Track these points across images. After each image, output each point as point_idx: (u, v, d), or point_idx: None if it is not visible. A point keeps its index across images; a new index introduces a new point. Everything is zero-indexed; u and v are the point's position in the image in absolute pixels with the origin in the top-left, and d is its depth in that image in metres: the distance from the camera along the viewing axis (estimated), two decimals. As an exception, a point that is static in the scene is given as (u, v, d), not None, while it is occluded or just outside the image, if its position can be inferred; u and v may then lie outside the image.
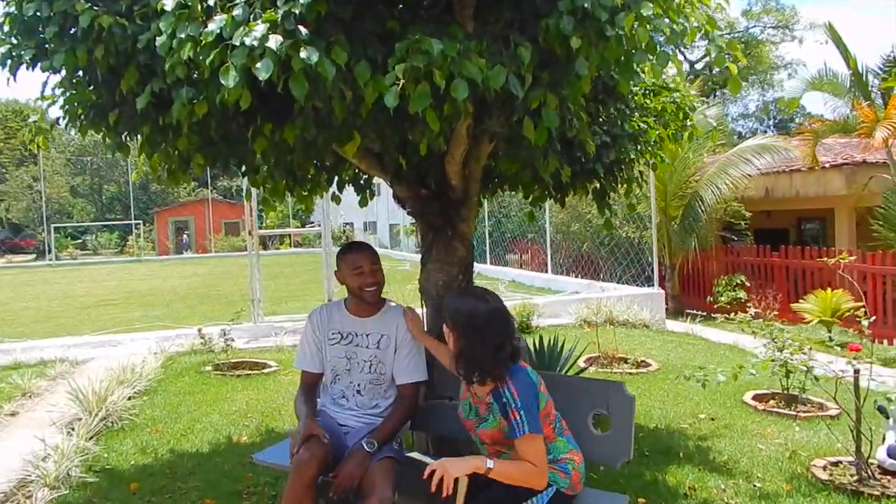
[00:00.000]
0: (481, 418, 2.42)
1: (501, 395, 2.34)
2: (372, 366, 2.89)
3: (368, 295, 2.86)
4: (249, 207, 8.58)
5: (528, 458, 2.31)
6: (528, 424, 2.28)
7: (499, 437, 2.37)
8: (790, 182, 12.50)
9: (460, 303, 2.44)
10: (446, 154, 3.29)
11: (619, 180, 3.83)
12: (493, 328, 2.36)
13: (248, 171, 3.44)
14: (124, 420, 4.96)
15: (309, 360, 2.96)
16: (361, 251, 2.90)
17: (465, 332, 2.37)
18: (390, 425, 2.81)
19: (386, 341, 2.91)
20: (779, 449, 4.28)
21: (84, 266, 28.84)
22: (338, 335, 2.92)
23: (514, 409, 2.30)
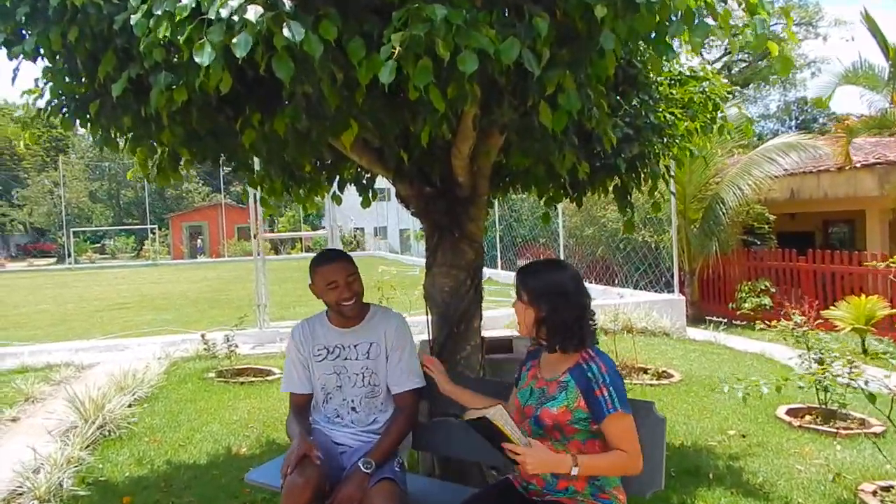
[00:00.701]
0: (549, 398, 2.17)
1: (585, 370, 2.12)
2: (364, 378, 2.66)
3: (347, 309, 2.62)
4: (254, 211, 8.39)
5: (617, 441, 2.08)
6: (617, 401, 2.05)
7: (564, 418, 2.12)
8: (818, 183, 12.02)
9: (540, 278, 2.20)
10: (452, 148, 3.06)
11: (643, 176, 3.55)
12: (579, 291, 2.19)
13: (239, 166, 3.22)
14: (122, 428, 4.76)
15: (297, 382, 2.72)
16: (333, 262, 2.62)
17: (551, 300, 2.16)
18: (388, 442, 2.57)
19: (376, 349, 2.67)
20: (820, 470, 3.94)
21: (102, 269, 29.00)
22: (324, 350, 2.69)
23: (601, 385, 2.07)
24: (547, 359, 2.28)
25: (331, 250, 2.77)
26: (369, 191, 4.06)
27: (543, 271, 2.24)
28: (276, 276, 18.21)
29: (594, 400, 2.08)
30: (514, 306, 2.27)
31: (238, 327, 7.08)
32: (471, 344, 3.22)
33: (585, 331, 2.17)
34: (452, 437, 2.79)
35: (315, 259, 2.68)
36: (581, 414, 2.11)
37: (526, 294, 2.21)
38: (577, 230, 14.14)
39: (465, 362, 3.20)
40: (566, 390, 2.14)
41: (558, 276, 2.20)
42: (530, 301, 2.19)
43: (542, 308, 2.16)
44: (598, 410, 2.08)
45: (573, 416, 2.12)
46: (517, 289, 2.25)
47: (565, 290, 2.16)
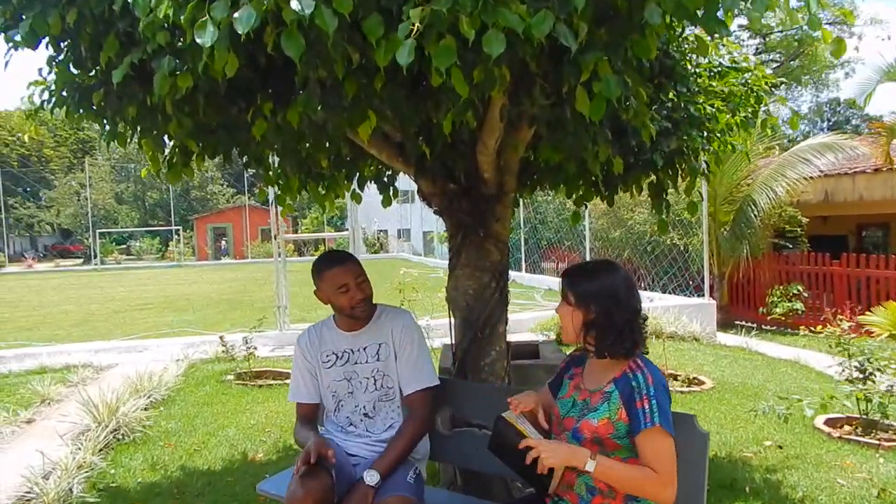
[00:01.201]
0: (591, 409, 1.99)
1: (630, 380, 1.94)
2: (375, 381, 2.50)
3: (360, 311, 2.46)
4: (274, 211, 8.29)
5: (649, 459, 1.89)
6: (658, 415, 1.86)
7: (605, 431, 1.93)
8: (853, 185, 11.64)
9: (590, 279, 2.03)
10: (477, 143, 2.88)
11: (681, 173, 3.33)
12: (631, 293, 2.02)
13: (252, 162, 3.07)
14: (136, 432, 4.65)
15: (304, 391, 2.57)
16: (342, 264, 2.46)
17: (602, 302, 1.99)
18: (395, 451, 2.38)
19: (385, 350, 2.51)
20: (863, 485, 3.71)
21: (127, 270, 29.30)
22: (332, 356, 2.54)
23: (644, 396, 1.89)
24: (591, 368, 2.10)
25: (335, 251, 2.62)
26: (390, 189, 3.90)
27: (593, 272, 2.06)
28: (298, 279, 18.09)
29: (633, 411, 1.90)
30: (558, 310, 2.09)
31: (257, 329, 6.96)
32: (496, 349, 3.04)
33: (637, 335, 1.99)
34: (476, 448, 2.60)
35: (318, 262, 2.52)
36: (623, 427, 1.93)
37: (574, 296, 2.02)
38: (604, 232, 13.87)
39: (490, 369, 3.02)
40: (609, 401, 1.96)
41: (609, 277, 2.02)
42: (578, 303, 2.01)
43: (591, 310, 1.99)
44: (635, 422, 1.89)
45: (615, 430, 1.93)
46: (563, 291, 2.07)
47: (616, 292, 1.99)
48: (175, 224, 36.02)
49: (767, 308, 10.63)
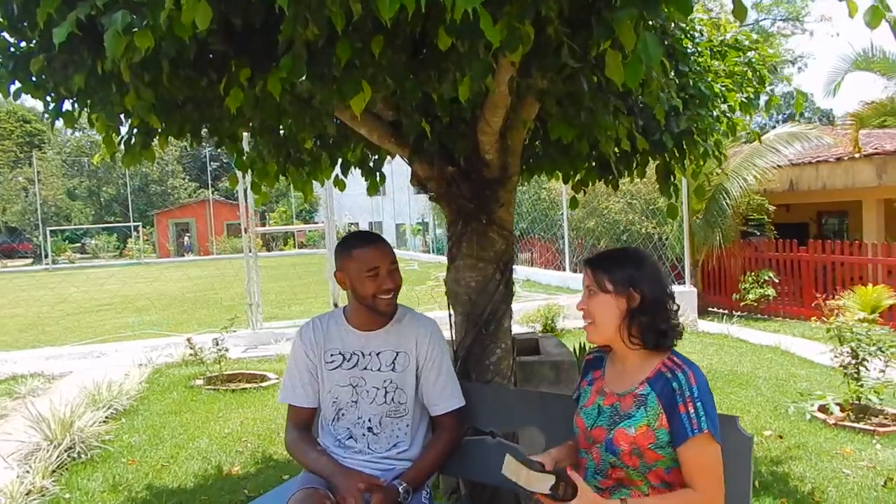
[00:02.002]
0: (623, 416, 1.73)
1: (669, 380, 1.68)
2: (387, 394, 2.17)
3: (384, 304, 2.12)
4: (244, 203, 7.88)
5: (692, 474, 1.65)
6: (705, 421, 1.63)
7: (644, 441, 1.67)
8: (816, 174, 11.83)
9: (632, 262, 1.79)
10: (479, 122, 2.59)
11: (690, 155, 3.10)
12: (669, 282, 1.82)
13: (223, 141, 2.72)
14: (94, 449, 4.23)
15: (301, 392, 2.21)
16: (376, 244, 2.13)
17: (651, 286, 1.75)
18: (427, 464, 2.11)
19: (404, 360, 2.19)
20: (867, 474, 3.62)
21: (82, 270, 28.15)
22: (338, 357, 2.20)
23: (688, 399, 1.64)
24: (615, 368, 1.83)
25: (369, 232, 2.26)
26: (376, 175, 3.59)
27: (630, 256, 1.83)
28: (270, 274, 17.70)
29: (676, 417, 1.64)
30: (585, 305, 1.80)
31: (228, 329, 6.56)
32: (501, 346, 2.76)
33: (679, 326, 1.77)
34: (487, 459, 2.33)
35: (348, 239, 2.18)
36: (666, 435, 1.67)
37: (611, 282, 1.75)
38: (579, 222, 13.75)
39: (495, 368, 2.74)
40: (645, 405, 1.70)
41: (651, 264, 1.80)
42: (619, 288, 1.74)
43: (635, 295, 1.73)
44: (679, 430, 1.64)
45: (657, 439, 1.67)
46: (597, 280, 1.78)
47: (660, 275, 1.78)
48: (134, 220, 34.78)
49: (740, 294, 10.68)
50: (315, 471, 2.05)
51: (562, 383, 3.15)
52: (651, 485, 1.71)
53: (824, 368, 5.97)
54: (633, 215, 12.97)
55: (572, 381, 3.16)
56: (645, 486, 1.72)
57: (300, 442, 2.16)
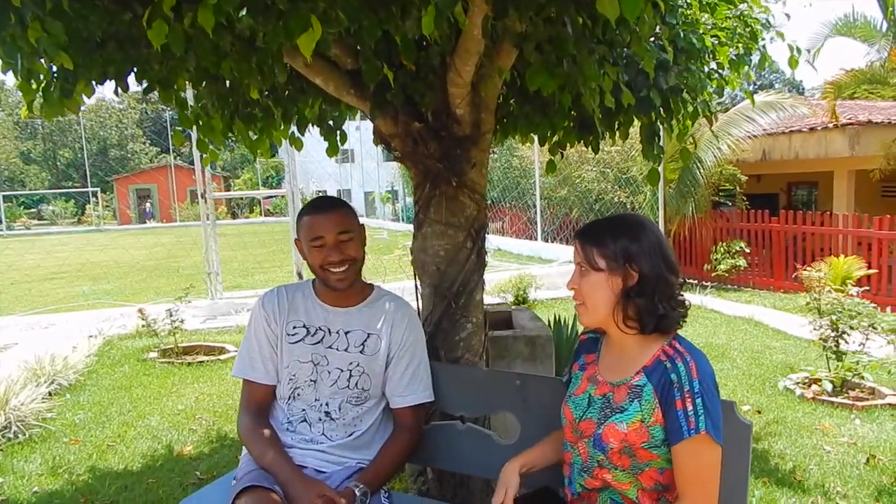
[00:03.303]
0: (615, 409, 1.51)
1: (668, 370, 1.45)
2: (351, 377, 1.93)
3: (334, 278, 1.89)
4: (201, 168, 7.48)
5: (685, 479, 1.44)
6: (704, 420, 1.41)
7: (637, 440, 1.46)
8: (789, 143, 11.80)
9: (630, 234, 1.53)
10: (448, 70, 2.32)
11: (678, 114, 2.86)
12: (671, 252, 1.57)
13: (152, 86, 2.39)
14: (33, 428, 3.94)
15: (259, 367, 1.96)
16: (325, 211, 1.91)
17: (651, 262, 1.50)
18: (385, 465, 1.88)
19: (374, 344, 1.95)
20: (848, 450, 3.52)
21: (39, 237, 27.20)
22: (302, 329, 1.95)
23: (687, 395, 1.42)
24: (610, 353, 1.61)
25: (326, 198, 2.02)
26: (336, 135, 3.30)
27: (627, 226, 1.55)
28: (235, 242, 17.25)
29: (672, 414, 1.43)
30: (575, 285, 1.57)
31: (184, 299, 6.22)
32: (472, 321, 2.53)
33: (686, 304, 1.54)
34: (456, 446, 2.12)
35: (303, 207, 1.97)
36: (661, 433, 1.46)
37: (604, 258, 1.51)
38: (552, 191, 13.57)
39: (466, 344, 2.51)
40: (640, 398, 1.48)
41: (651, 232, 1.54)
42: (613, 265, 1.50)
43: (634, 272, 1.49)
44: (675, 429, 1.42)
45: (651, 437, 1.46)
46: (587, 256, 1.54)
47: (663, 248, 1.52)
48: (92, 185, 33.64)
49: (712, 265, 10.66)
50: (269, 470, 1.80)
51: (537, 360, 2.94)
52: (642, 487, 1.50)
53: (799, 340, 5.91)
54: (606, 184, 12.84)
55: (548, 357, 2.95)
56: (634, 490, 1.50)
57: (255, 432, 1.91)
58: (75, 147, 39.15)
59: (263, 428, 1.91)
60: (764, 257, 10.35)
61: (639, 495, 1.50)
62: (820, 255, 8.93)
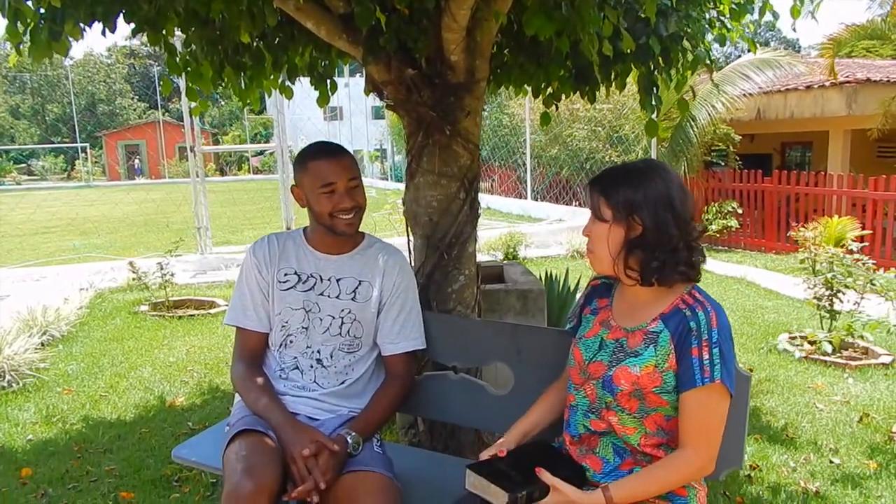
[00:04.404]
0: (629, 353, 1.51)
1: (687, 318, 1.44)
2: (343, 324, 1.92)
3: (343, 224, 1.86)
4: (190, 121, 7.35)
5: (690, 427, 1.43)
6: (721, 369, 1.41)
7: (649, 383, 1.46)
8: (784, 102, 11.66)
9: (635, 183, 1.49)
10: (443, 15, 2.26)
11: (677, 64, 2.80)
12: (687, 201, 1.50)
13: (141, 27, 2.32)
14: (27, 377, 3.95)
15: (252, 314, 1.94)
16: (336, 158, 1.86)
17: (654, 212, 1.46)
18: (376, 413, 1.88)
19: (366, 291, 1.94)
20: (841, 409, 3.53)
21: (29, 192, 26.89)
22: (293, 276, 1.94)
23: (704, 343, 1.42)
24: (624, 299, 1.59)
25: (330, 143, 1.96)
26: (326, 84, 3.23)
27: (635, 175, 1.51)
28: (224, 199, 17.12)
29: (687, 361, 1.42)
30: (586, 232, 1.55)
31: (173, 252, 6.18)
32: (464, 273, 2.52)
33: (697, 256, 1.49)
34: (448, 397, 2.13)
35: (305, 150, 1.91)
36: (673, 379, 1.46)
37: (610, 208, 1.48)
38: (542, 150, 13.47)
39: (458, 297, 2.51)
40: (656, 344, 1.47)
41: (658, 179, 1.48)
42: (618, 216, 1.47)
43: (636, 224, 1.47)
44: (687, 376, 1.42)
45: (663, 382, 1.46)
46: (594, 205, 1.52)
47: (670, 198, 1.47)
48: (81, 141, 33.14)
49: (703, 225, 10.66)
50: (262, 416, 1.80)
51: (529, 314, 2.94)
52: (646, 432, 1.49)
53: (791, 300, 5.95)
54: (598, 143, 12.76)
55: (540, 311, 2.96)
56: (638, 435, 1.50)
57: (248, 379, 1.89)
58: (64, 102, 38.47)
59: (257, 375, 1.91)
60: (756, 218, 10.33)
61: (641, 441, 1.50)
62: (813, 216, 8.91)
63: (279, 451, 1.69)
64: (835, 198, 8.95)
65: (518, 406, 1.97)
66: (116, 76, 43.21)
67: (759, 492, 2.69)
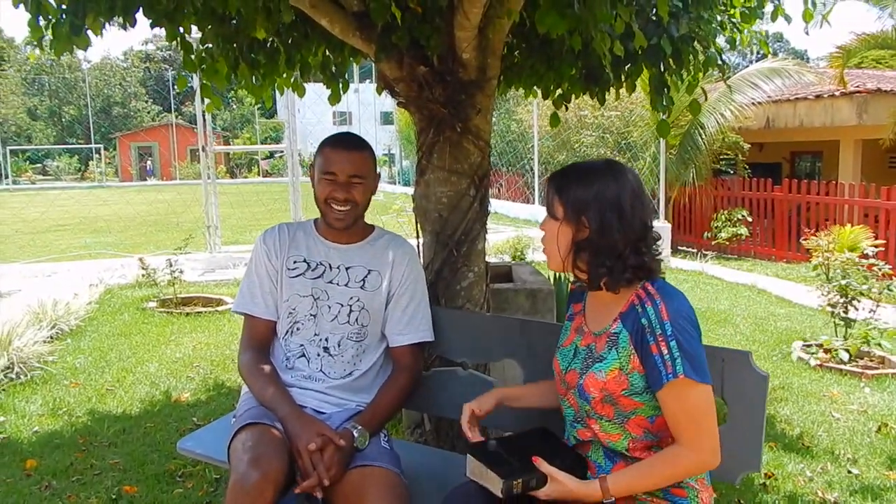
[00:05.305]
0: (596, 358, 1.49)
1: (639, 315, 1.42)
2: (351, 312, 1.92)
3: (333, 216, 1.88)
4: (203, 121, 7.40)
5: (675, 424, 1.40)
6: (681, 362, 1.36)
7: (616, 387, 1.43)
8: (794, 111, 11.61)
9: (586, 184, 1.47)
10: (456, 15, 2.26)
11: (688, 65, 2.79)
12: (639, 202, 1.47)
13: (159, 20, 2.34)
14: (35, 370, 3.97)
15: (261, 301, 1.94)
16: (345, 149, 1.88)
17: (600, 215, 1.43)
18: (385, 406, 1.87)
19: (375, 280, 1.94)
20: (858, 418, 3.48)
21: (43, 191, 27.13)
22: (302, 264, 1.94)
23: (660, 338, 1.38)
24: (594, 302, 1.57)
25: (352, 135, 1.98)
26: (338, 82, 3.25)
27: (590, 175, 1.48)
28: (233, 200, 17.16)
29: (650, 359, 1.39)
30: (542, 226, 1.54)
31: (184, 250, 6.21)
32: (474, 270, 2.52)
33: (646, 258, 1.45)
34: (457, 393, 2.12)
35: (328, 137, 1.95)
36: (640, 380, 1.42)
37: (561, 206, 1.47)
38: (550, 156, 13.46)
39: (467, 294, 2.51)
40: (616, 346, 1.45)
41: (611, 182, 1.46)
42: (567, 216, 1.46)
43: (583, 225, 1.44)
44: (654, 375, 1.38)
45: (630, 385, 1.42)
46: (549, 201, 1.51)
47: (619, 200, 1.44)
48: (96, 142, 33.43)
49: (712, 233, 10.61)
50: (269, 407, 1.80)
51: (538, 313, 2.94)
52: (632, 437, 1.47)
53: (804, 308, 5.90)
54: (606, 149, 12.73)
55: (549, 311, 2.95)
56: (625, 439, 1.48)
57: (256, 368, 1.89)
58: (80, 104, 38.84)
59: (264, 364, 1.90)
60: (766, 227, 10.27)
61: (629, 446, 1.47)
62: (825, 225, 8.84)
63: (286, 442, 1.69)
64: (846, 207, 8.89)
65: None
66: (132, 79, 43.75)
67: (776, 501, 2.65)
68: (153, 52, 49.54)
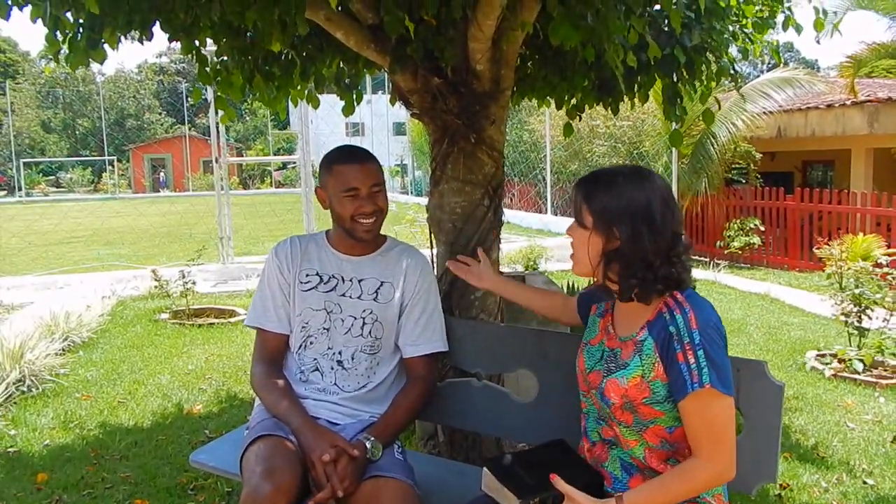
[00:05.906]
0: (619, 364, 1.47)
1: (667, 323, 1.40)
2: (364, 325, 1.91)
3: (363, 229, 1.87)
4: (217, 133, 7.44)
5: (694, 434, 1.38)
6: (708, 372, 1.35)
7: (638, 395, 1.42)
8: (805, 121, 11.57)
9: (615, 192, 1.45)
10: (470, 26, 2.26)
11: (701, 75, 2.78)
12: (669, 212, 1.44)
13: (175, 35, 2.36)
14: (47, 382, 3.97)
15: (273, 315, 1.94)
16: (360, 162, 1.87)
17: (631, 225, 1.41)
18: (398, 418, 1.86)
19: (388, 292, 1.93)
20: (874, 429, 3.44)
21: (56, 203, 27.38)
22: (315, 277, 1.94)
23: (687, 347, 1.37)
24: (622, 306, 1.55)
25: (357, 148, 1.97)
26: (352, 93, 3.26)
27: (618, 181, 1.46)
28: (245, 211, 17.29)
29: (675, 368, 1.37)
30: (569, 232, 1.52)
31: (195, 262, 6.24)
32: (487, 282, 2.50)
33: (678, 269, 1.43)
34: (471, 404, 2.10)
35: (332, 153, 1.93)
36: (663, 389, 1.41)
37: (591, 214, 1.45)
38: (562, 166, 13.47)
39: (481, 304, 2.50)
40: (641, 353, 1.43)
41: (641, 189, 1.43)
42: (597, 225, 1.44)
43: (614, 235, 1.42)
44: (678, 383, 1.37)
45: (651, 393, 1.41)
46: (577, 208, 1.49)
47: (651, 211, 1.41)
48: (109, 154, 33.76)
49: (725, 242, 10.56)
50: (282, 419, 1.79)
51: (552, 324, 2.90)
52: (649, 446, 1.45)
53: (817, 317, 5.85)
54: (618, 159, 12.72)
55: (563, 321, 2.92)
56: (641, 447, 1.46)
57: (268, 380, 1.89)
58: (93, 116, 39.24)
59: (277, 377, 1.90)
60: (778, 236, 10.21)
61: (646, 455, 1.46)
62: (837, 234, 8.78)
63: (299, 454, 1.68)
64: (858, 216, 8.85)
65: (543, 414, 1.94)
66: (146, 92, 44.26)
67: (790, 512, 2.62)
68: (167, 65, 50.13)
